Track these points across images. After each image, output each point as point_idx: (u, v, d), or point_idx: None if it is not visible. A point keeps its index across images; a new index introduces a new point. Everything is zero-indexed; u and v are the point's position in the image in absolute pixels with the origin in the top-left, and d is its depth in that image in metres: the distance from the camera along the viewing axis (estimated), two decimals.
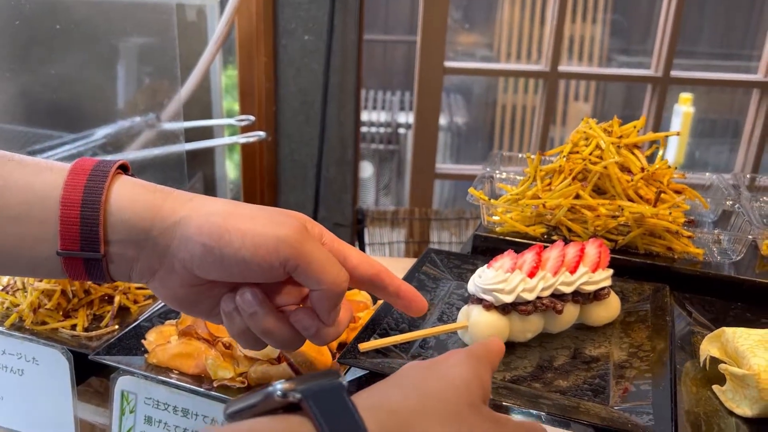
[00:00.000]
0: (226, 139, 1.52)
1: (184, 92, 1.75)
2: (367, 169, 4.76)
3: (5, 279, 0.87)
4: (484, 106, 4.87)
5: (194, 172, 1.95)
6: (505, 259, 0.70)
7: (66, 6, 1.56)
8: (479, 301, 0.69)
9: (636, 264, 0.83)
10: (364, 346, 0.65)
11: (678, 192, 0.85)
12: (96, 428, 0.84)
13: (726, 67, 4.24)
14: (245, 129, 1.73)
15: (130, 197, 0.53)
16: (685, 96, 3.89)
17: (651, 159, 0.90)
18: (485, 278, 0.69)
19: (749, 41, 3.98)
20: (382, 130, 4.77)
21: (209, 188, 1.97)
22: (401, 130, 4.75)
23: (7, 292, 0.84)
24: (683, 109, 3.87)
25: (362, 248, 1.89)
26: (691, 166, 4.20)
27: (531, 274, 0.69)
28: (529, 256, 0.70)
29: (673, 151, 3.90)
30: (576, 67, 3.41)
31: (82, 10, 1.60)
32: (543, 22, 4.20)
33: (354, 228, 1.89)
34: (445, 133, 4.73)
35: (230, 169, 2.03)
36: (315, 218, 1.80)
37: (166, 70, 1.54)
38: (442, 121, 4.66)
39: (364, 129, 4.60)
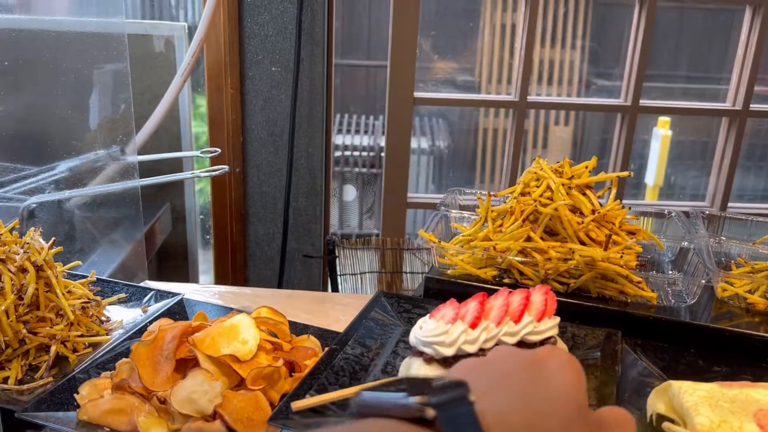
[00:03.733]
0: (188, 174, 1.49)
1: (152, 123, 1.73)
2: (350, 193, 4.76)
3: None
4: (466, 130, 4.90)
5: (162, 203, 1.92)
6: (447, 309, 0.68)
7: (28, 39, 1.54)
8: (420, 353, 0.66)
9: (588, 308, 0.81)
10: (297, 405, 0.62)
11: (631, 233, 0.83)
12: None
13: (699, 90, 4.28)
14: (213, 161, 1.71)
15: None
16: (664, 119, 3.92)
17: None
18: (426, 330, 0.66)
19: (719, 64, 4.02)
20: (365, 154, 4.77)
21: (178, 219, 1.94)
22: (384, 154, 4.74)
23: None
24: (661, 132, 3.90)
25: (333, 280, 1.86)
26: (669, 189, 4.22)
27: (473, 325, 0.66)
28: (471, 306, 0.68)
29: (653, 174, 3.93)
30: (545, 97, 3.44)
31: (45, 42, 1.58)
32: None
33: (325, 259, 1.86)
34: (428, 157, 4.75)
35: (199, 199, 2.00)
36: (284, 250, 1.78)
37: (123, 103, 1.52)
38: (424, 144, 4.68)
39: (347, 153, 4.60)
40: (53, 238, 0.89)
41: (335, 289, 1.92)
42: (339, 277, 1.94)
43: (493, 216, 0.87)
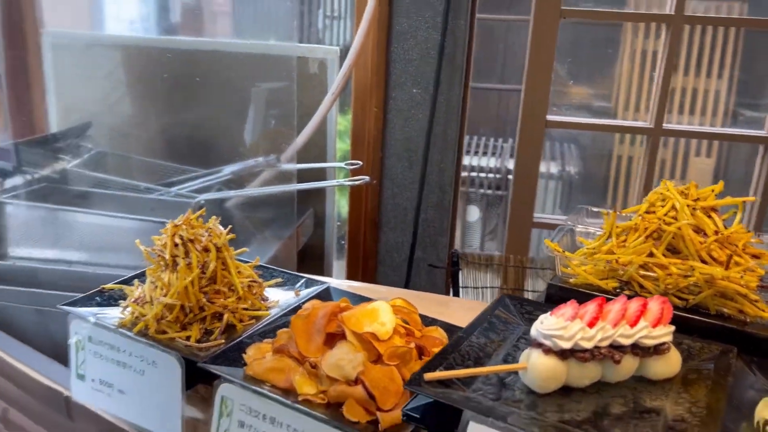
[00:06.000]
0: (333, 182, 1.66)
1: (303, 136, 1.93)
2: (474, 213, 4.81)
3: (137, 291, 1.03)
4: (598, 156, 4.80)
5: (306, 208, 2.11)
6: (567, 308, 0.75)
7: (204, 58, 1.79)
8: (539, 345, 0.74)
9: (706, 324, 0.84)
10: (429, 376, 0.73)
11: (756, 257, 0.86)
12: (198, 428, 0.96)
13: None
14: (354, 172, 1.87)
15: None
16: None
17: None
18: (546, 324, 0.74)
19: None
20: (491, 175, 4.82)
21: (318, 224, 2.12)
22: (510, 177, 4.78)
23: (138, 304, 1.00)
24: None
25: (456, 291, 1.95)
26: None
27: (591, 324, 0.74)
28: (591, 307, 0.75)
29: None
30: (682, 126, 3.30)
31: (218, 62, 1.82)
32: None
33: (448, 270, 1.96)
34: (557, 182, 4.71)
35: (338, 207, 2.18)
36: (411, 259, 1.90)
37: (286, 117, 1.72)
38: (554, 169, 4.65)
39: (473, 174, 4.68)
40: (230, 226, 1.06)
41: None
42: (461, 290, 2.03)
43: (617, 231, 0.93)
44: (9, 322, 1.49)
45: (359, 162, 1.72)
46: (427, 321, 1.01)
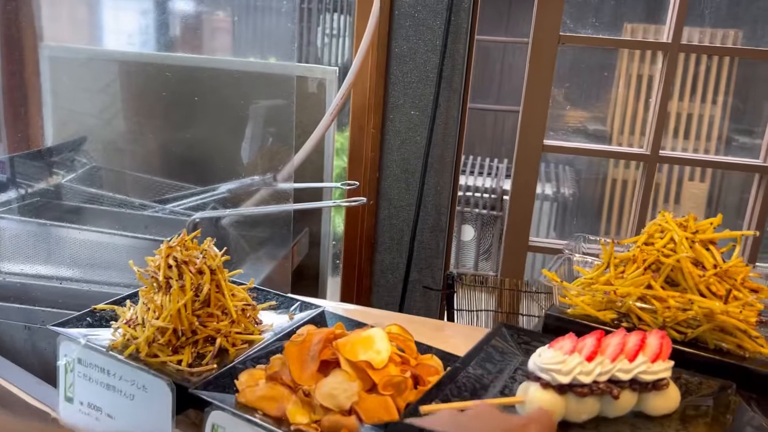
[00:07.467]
0: (329, 202, 1.66)
1: (300, 156, 1.92)
2: (468, 233, 4.82)
3: (129, 314, 1.01)
4: (593, 179, 4.83)
5: (302, 227, 2.10)
6: (566, 341, 0.74)
7: (203, 75, 1.79)
8: (537, 378, 0.73)
9: (704, 359, 0.84)
10: (425, 409, 0.72)
11: (754, 291, 0.86)
12: None
13: None
14: (350, 192, 1.86)
15: None
16: None
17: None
18: (544, 358, 0.73)
19: None
20: (486, 195, 4.83)
21: (313, 243, 2.11)
22: (506, 197, 4.81)
23: (129, 326, 0.98)
24: None
25: (450, 313, 1.94)
26: None
27: (589, 358, 0.73)
28: (589, 341, 0.74)
29: None
30: (678, 153, 3.32)
31: (216, 79, 1.82)
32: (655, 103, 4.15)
33: (443, 293, 1.95)
34: (551, 204, 4.73)
35: (334, 226, 2.17)
36: (406, 280, 1.89)
37: (283, 136, 1.72)
38: (549, 191, 4.68)
39: (468, 194, 4.69)
40: (225, 248, 1.05)
41: (451, 322, 2.00)
42: (455, 312, 2.02)
43: (615, 262, 0.92)
44: None
45: (356, 182, 1.71)
46: (423, 348, 0.99)
